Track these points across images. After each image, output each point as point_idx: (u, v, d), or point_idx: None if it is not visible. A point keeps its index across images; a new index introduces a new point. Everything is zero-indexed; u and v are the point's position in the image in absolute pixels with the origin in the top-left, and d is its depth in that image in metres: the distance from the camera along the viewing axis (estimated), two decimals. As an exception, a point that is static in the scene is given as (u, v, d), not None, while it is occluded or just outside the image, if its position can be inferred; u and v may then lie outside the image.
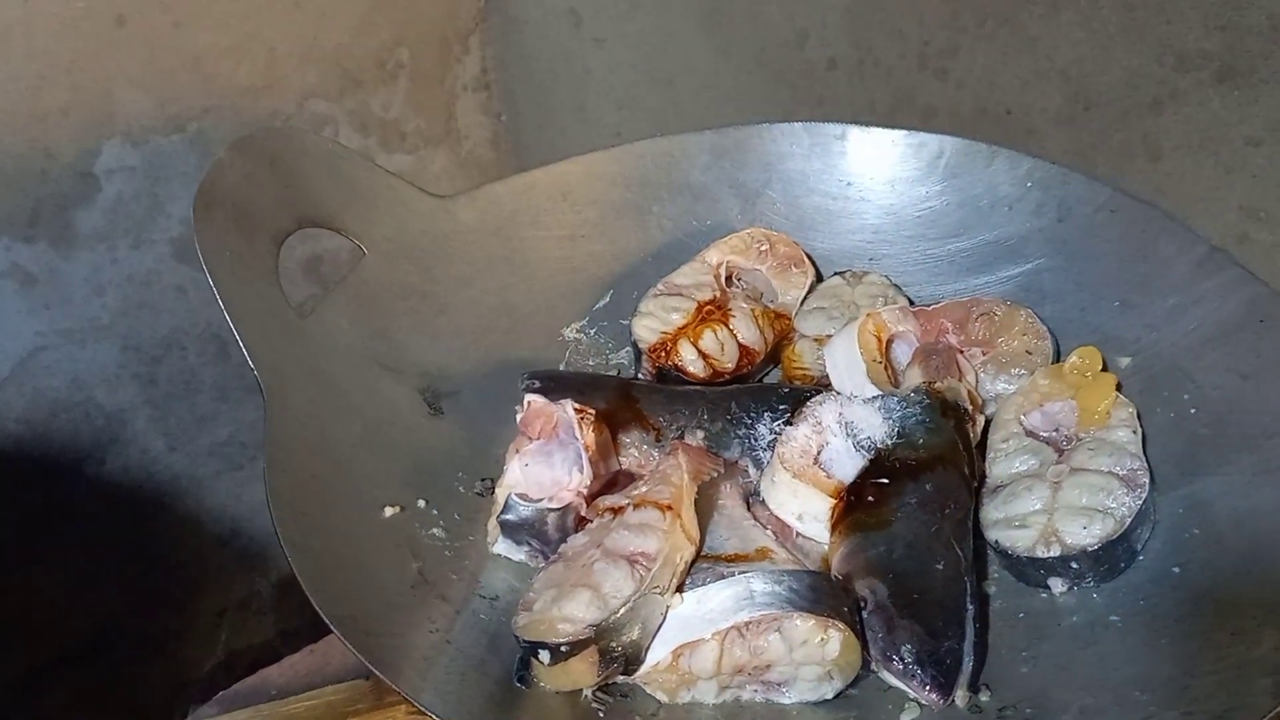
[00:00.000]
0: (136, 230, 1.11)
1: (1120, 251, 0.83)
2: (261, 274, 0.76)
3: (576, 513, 0.72)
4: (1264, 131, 0.89)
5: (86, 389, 1.11)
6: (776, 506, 0.73)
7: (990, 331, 0.82)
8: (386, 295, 0.84)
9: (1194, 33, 0.90)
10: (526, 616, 0.64)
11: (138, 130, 1.09)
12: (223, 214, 0.76)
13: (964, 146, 0.90)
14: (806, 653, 0.63)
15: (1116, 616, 0.67)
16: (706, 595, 0.65)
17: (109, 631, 1.19)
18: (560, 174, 0.93)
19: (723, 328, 0.85)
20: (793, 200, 0.94)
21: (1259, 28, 0.87)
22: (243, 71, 1.16)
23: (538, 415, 0.75)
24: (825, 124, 0.94)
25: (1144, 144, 0.96)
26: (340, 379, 0.78)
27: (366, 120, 1.29)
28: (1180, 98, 0.92)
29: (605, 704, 0.64)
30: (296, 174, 0.82)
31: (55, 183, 1.05)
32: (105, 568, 1.17)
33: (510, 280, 0.89)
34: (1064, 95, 0.99)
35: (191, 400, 1.19)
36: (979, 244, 0.89)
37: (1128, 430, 0.73)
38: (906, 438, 0.73)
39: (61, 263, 1.07)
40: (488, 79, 1.41)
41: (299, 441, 0.72)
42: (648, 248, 0.93)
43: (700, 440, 0.77)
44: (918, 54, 1.08)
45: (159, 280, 1.13)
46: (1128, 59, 0.95)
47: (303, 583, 0.63)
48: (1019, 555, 0.69)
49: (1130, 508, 0.68)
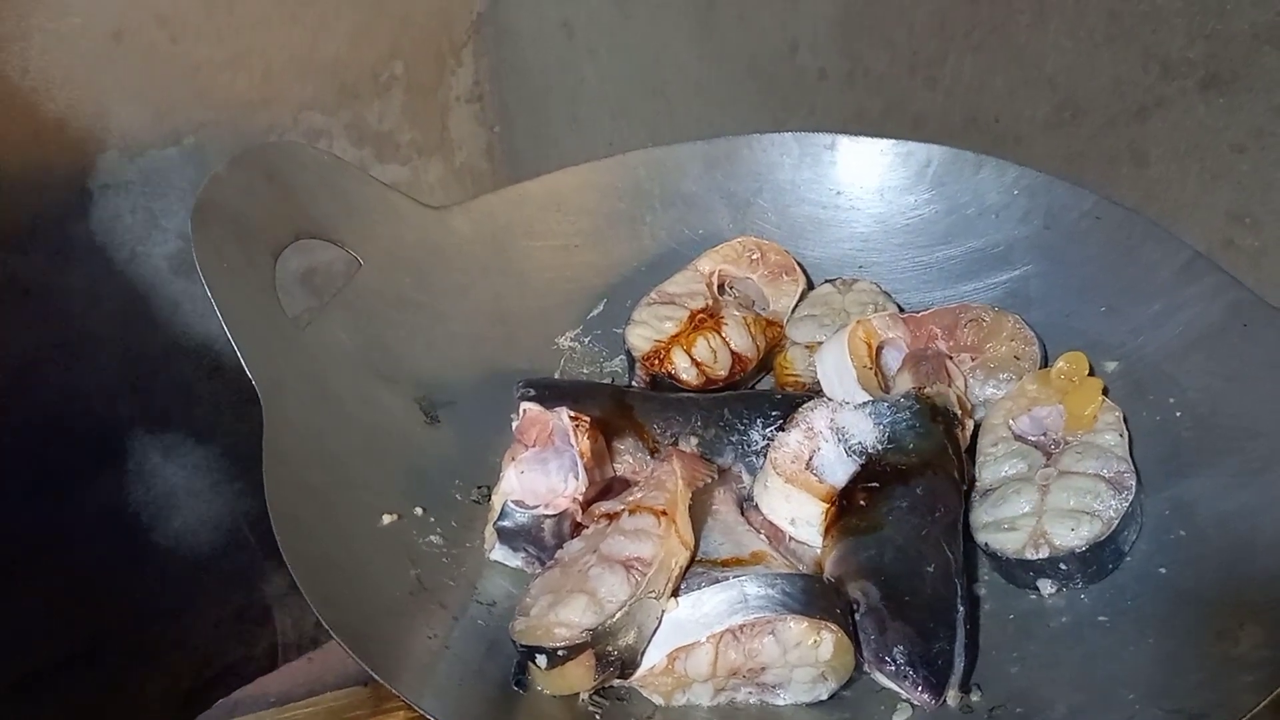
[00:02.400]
0: (133, 244, 1.11)
1: (1105, 257, 0.84)
2: (259, 286, 0.77)
3: (572, 519, 0.72)
4: (1248, 138, 0.90)
5: (83, 401, 1.12)
6: (769, 511, 0.74)
7: (979, 337, 0.82)
8: (383, 306, 0.84)
9: (1179, 41, 0.91)
10: (523, 621, 0.65)
11: (134, 144, 1.09)
12: (220, 227, 0.76)
13: (951, 155, 0.91)
14: (800, 655, 0.64)
15: (1104, 617, 0.67)
16: (701, 599, 0.65)
17: (105, 642, 1.19)
18: (553, 184, 0.94)
19: (715, 335, 0.85)
20: (783, 209, 0.95)
21: (1242, 36, 0.88)
22: (239, 85, 1.16)
23: (533, 423, 0.75)
24: (815, 134, 0.95)
25: (1131, 151, 0.97)
26: (338, 389, 0.78)
27: (362, 132, 1.30)
28: (1166, 105, 0.93)
29: (602, 707, 0.65)
30: (293, 187, 0.82)
31: (52, 196, 1.05)
32: (101, 579, 1.17)
33: (505, 290, 0.90)
34: (1051, 103, 1.00)
35: (188, 413, 1.19)
36: (967, 251, 0.90)
37: (1114, 434, 0.74)
38: (897, 443, 0.73)
39: (58, 276, 1.07)
40: (481, 90, 1.41)
41: (297, 451, 0.72)
42: (641, 257, 0.94)
43: (694, 447, 0.78)
44: (907, 63, 1.09)
45: (156, 294, 1.14)
46: (1114, 67, 0.96)
47: (303, 589, 0.64)
48: (1008, 557, 0.70)
49: (1117, 510, 0.69)
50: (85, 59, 1.04)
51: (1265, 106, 0.88)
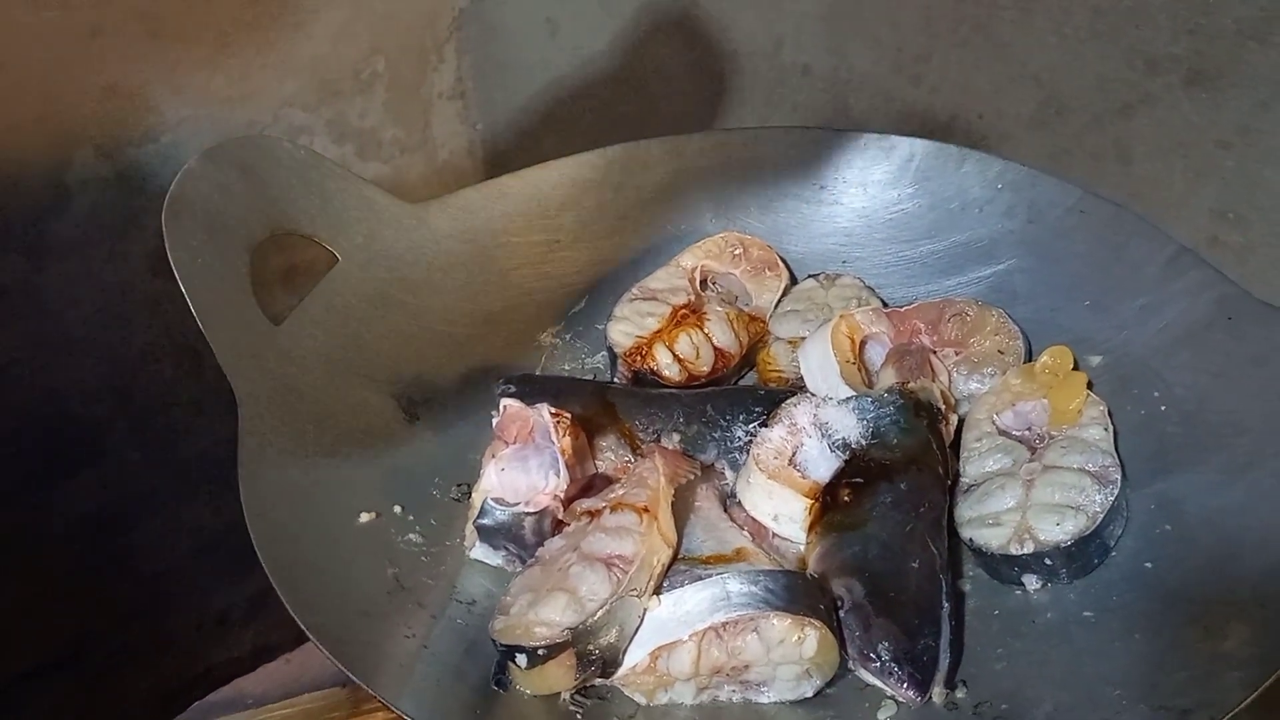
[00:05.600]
0: (111, 242, 1.10)
1: (1091, 252, 0.83)
2: (234, 282, 0.76)
3: (553, 517, 0.72)
4: (1233, 135, 0.90)
5: (61, 402, 1.11)
6: (752, 508, 0.73)
7: (963, 332, 0.82)
8: (360, 302, 0.83)
9: (1163, 37, 0.91)
10: (503, 620, 0.64)
11: (111, 141, 1.08)
12: (193, 221, 0.75)
13: (935, 149, 0.91)
14: (784, 652, 0.63)
15: (1090, 613, 0.67)
16: (683, 597, 0.65)
17: (85, 644, 1.18)
18: (534, 180, 0.93)
19: (698, 331, 0.85)
20: (766, 204, 0.94)
21: (1227, 32, 0.88)
22: (218, 82, 1.15)
23: (514, 420, 0.75)
24: (798, 128, 0.95)
25: (1115, 148, 0.97)
26: (314, 386, 0.77)
27: (343, 129, 1.29)
28: (1151, 102, 0.93)
29: (583, 707, 0.64)
30: (268, 181, 0.82)
31: (28, 194, 1.04)
32: (81, 580, 1.16)
33: (485, 286, 0.89)
34: (1036, 100, 1.00)
35: (167, 413, 1.18)
36: (951, 246, 0.89)
37: (1099, 428, 0.74)
38: (881, 438, 0.73)
39: (35, 275, 1.06)
40: (464, 88, 1.41)
41: (274, 449, 0.72)
42: (622, 253, 0.93)
43: (676, 443, 0.78)
44: (892, 60, 1.08)
45: (134, 292, 1.13)
46: (1099, 64, 0.95)
47: (279, 590, 0.63)
48: (993, 553, 0.70)
49: (1102, 504, 0.69)
50: (63, 55, 1.03)
51: (1251, 103, 0.88)
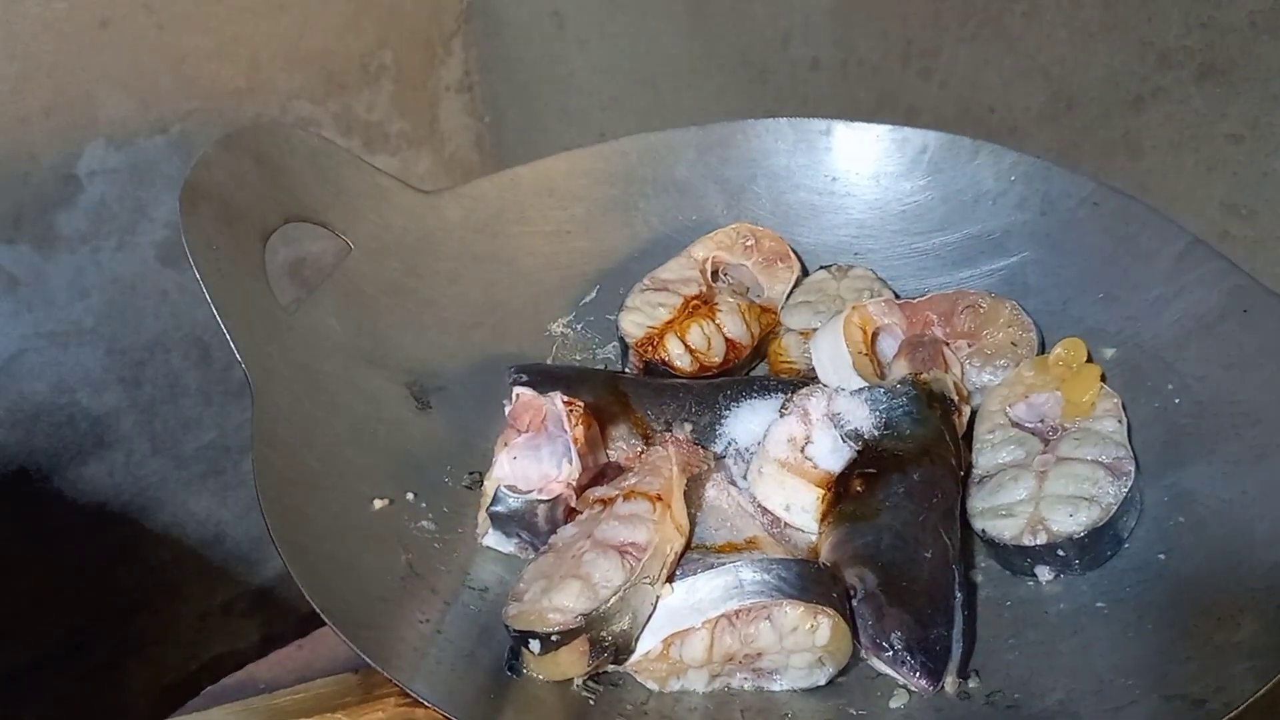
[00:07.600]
0: (120, 233, 1.10)
1: (1103, 244, 0.83)
2: (248, 269, 0.76)
3: (566, 504, 0.72)
4: (1244, 128, 0.90)
5: (70, 392, 1.11)
6: (764, 498, 0.73)
7: (975, 324, 0.82)
8: (373, 291, 0.83)
9: (1175, 30, 0.91)
10: (516, 607, 0.64)
11: (121, 132, 1.08)
12: (209, 209, 0.75)
13: (948, 141, 0.91)
14: (797, 640, 0.63)
15: (1102, 604, 0.67)
16: (696, 585, 0.65)
17: (90, 634, 1.18)
18: (546, 170, 0.93)
19: (709, 322, 0.85)
20: (778, 195, 0.94)
21: (1239, 25, 0.88)
22: (226, 74, 1.15)
23: (526, 408, 0.75)
24: (810, 120, 0.94)
25: (1125, 142, 0.96)
26: (328, 374, 0.77)
27: (350, 122, 1.29)
28: (1161, 95, 0.93)
29: (596, 693, 0.64)
30: (282, 170, 0.82)
31: (37, 185, 1.05)
32: (87, 570, 1.16)
33: (497, 276, 0.89)
34: (1046, 94, 1.00)
35: (176, 404, 1.19)
36: (963, 238, 0.89)
37: (1113, 420, 0.74)
38: (893, 429, 0.73)
39: (44, 265, 1.06)
40: (471, 81, 1.41)
41: (287, 437, 0.72)
42: (634, 243, 0.93)
43: (688, 433, 0.78)
44: (901, 54, 1.08)
45: (143, 283, 1.13)
46: (1109, 57, 0.95)
47: (294, 575, 0.63)
48: (1006, 544, 0.70)
49: (1116, 496, 0.69)
50: (72, 47, 1.04)
51: (1262, 96, 0.88)
